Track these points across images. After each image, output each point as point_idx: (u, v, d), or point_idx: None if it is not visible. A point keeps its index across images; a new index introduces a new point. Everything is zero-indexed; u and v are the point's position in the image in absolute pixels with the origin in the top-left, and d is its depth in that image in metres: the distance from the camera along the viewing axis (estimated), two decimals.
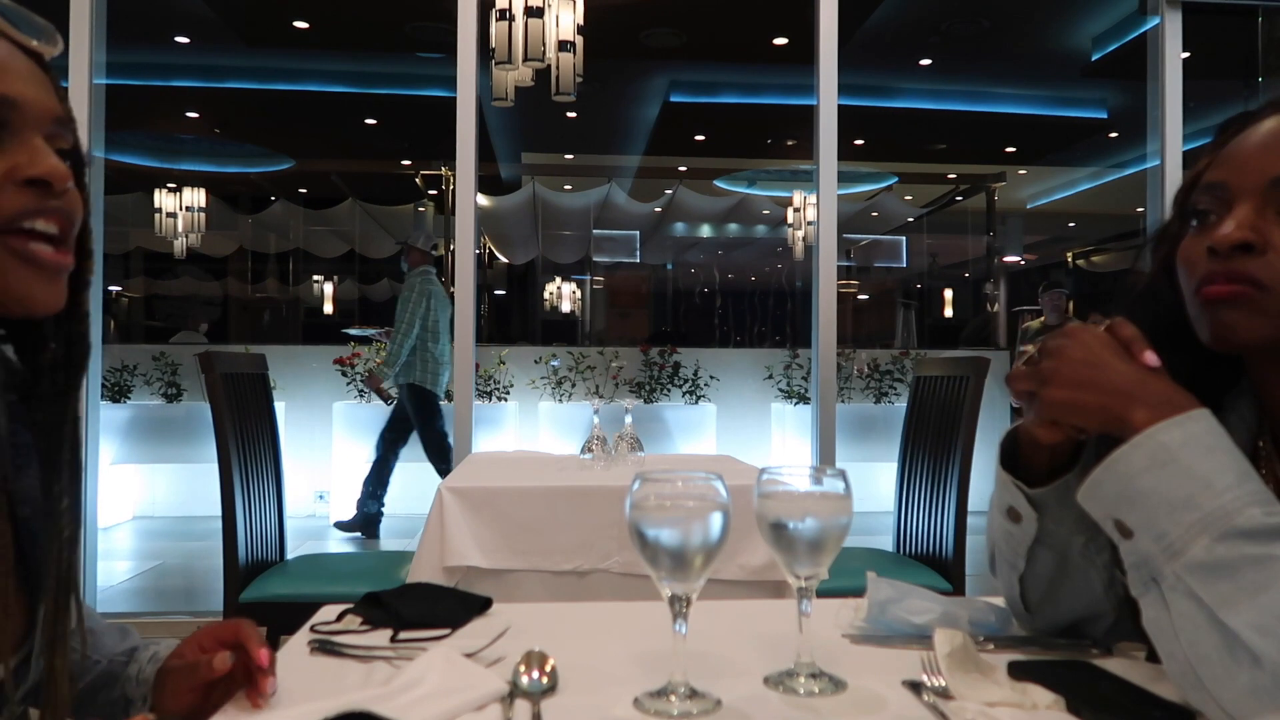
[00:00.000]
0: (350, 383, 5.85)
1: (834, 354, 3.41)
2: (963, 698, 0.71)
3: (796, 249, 8.41)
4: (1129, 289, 0.91)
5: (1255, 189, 0.76)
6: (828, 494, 0.75)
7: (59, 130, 0.69)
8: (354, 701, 0.68)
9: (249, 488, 2.35)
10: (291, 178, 9.43)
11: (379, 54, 6.87)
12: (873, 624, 0.93)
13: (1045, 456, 0.85)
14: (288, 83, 7.12)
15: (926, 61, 6.98)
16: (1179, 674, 0.68)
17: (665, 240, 10.96)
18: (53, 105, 0.69)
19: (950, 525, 2.37)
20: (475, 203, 3.35)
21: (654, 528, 0.70)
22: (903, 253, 10.71)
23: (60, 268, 0.68)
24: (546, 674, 0.75)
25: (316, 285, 11.11)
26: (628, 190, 9.52)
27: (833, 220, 3.44)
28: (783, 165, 9.34)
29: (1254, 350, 0.79)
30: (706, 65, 7.17)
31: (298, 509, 5.93)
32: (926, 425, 2.55)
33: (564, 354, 6.25)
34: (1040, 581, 0.89)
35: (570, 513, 2.03)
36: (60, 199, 0.67)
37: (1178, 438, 0.69)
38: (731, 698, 0.72)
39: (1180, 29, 3.59)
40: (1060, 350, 0.77)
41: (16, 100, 0.66)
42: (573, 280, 11.44)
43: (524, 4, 3.58)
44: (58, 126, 0.69)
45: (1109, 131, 8.09)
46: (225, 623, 0.81)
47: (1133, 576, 0.71)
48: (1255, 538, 0.65)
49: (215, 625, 0.81)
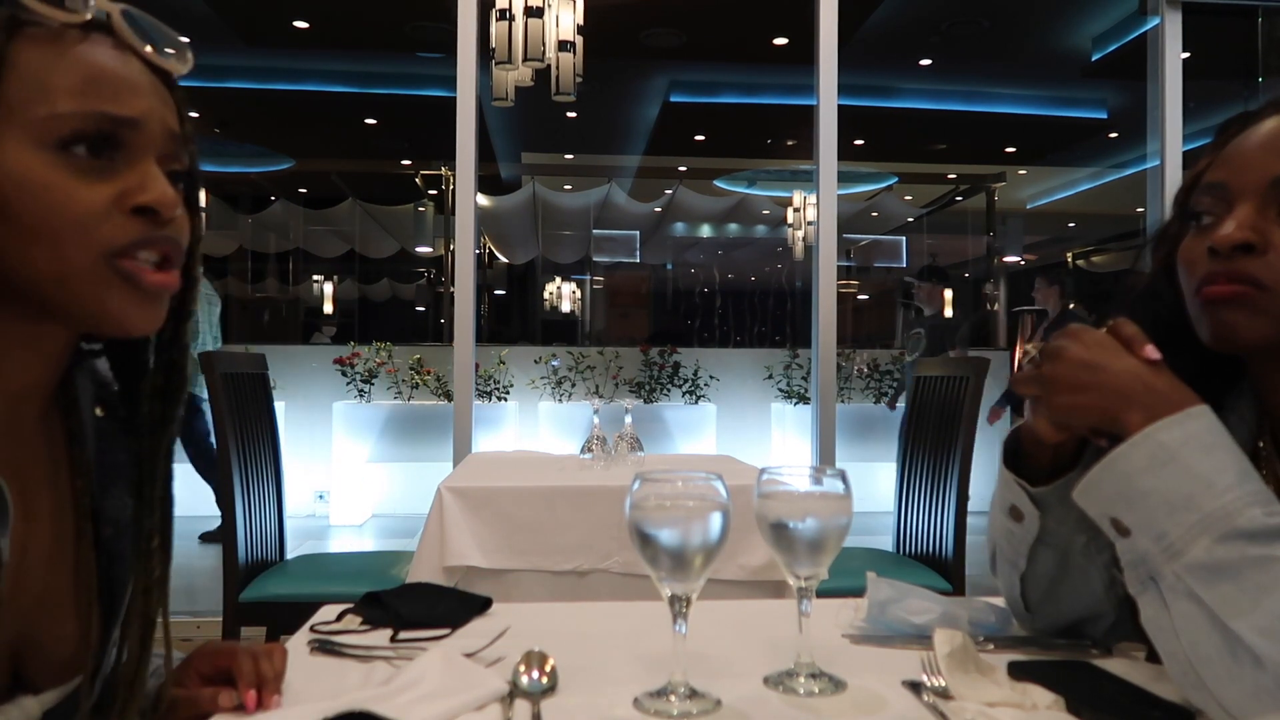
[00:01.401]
0: (350, 383, 5.85)
1: (834, 354, 3.41)
2: (963, 698, 0.71)
3: (796, 249, 8.40)
4: (1129, 289, 0.91)
5: (1256, 189, 0.76)
6: (828, 494, 0.75)
7: (175, 150, 0.67)
8: (354, 701, 0.68)
9: (249, 488, 2.35)
10: (291, 178, 9.42)
11: (379, 54, 6.87)
12: (873, 624, 0.93)
13: (1048, 455, 0.85)
14: (288, 82, 7.12)
15: (926, 61, 6.98)
16: (1180, 674, 0.67)
17: (665, 240, 10.96)
18: (172, 124, 0.67)
19: (950, 525, 2.37)
20: (475, 203, 3.35)
21: (654, 528, 0.70)
22: (903, 253, 10.70)
23: (163, 290, 0.66)
24: (546, 674, 0.75)
25: (316, 285, 11.11)
26: (628, 190, 9.52)
27: (833, 220, 3.44)
28: (783, 165, 9.33)
29: (1254, 350, 0.79)
30: (706, 65, 7.17)
31: (298, 509, 5.92)
32: (926, 425, 2.55)
33: (564, 354, 6.25)
34: (1041, 581, 0.89)
35: (570, 513, 2.03)
36: (168, 227, 0.65)
37: (1177, 436, 0.69)
38: (731, 698, 0.72)
39: (1180, 29, 3.58)
40: (1061, 352, 0.77)
41: (138, 120, 0.63)
42: (573, 280, 11.44)
43: (524, 4, 3.58)
44: (175, 145, 0.67)
45: (1109, 131, 8.09)
46: (224, 649, 0.78)
47: (1129, 575, 0.71)
48: (1256, 539, 0.65)
49: (215, 650, 0.78)
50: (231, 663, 0.74)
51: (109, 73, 0.62)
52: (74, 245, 0.61)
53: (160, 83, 0.66)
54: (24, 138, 0.60)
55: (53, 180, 0.60)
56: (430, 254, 10.49)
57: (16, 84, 0.59)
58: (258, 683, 0.73)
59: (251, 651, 0.75)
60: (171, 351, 0.72)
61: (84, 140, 0.61)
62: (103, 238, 0.62)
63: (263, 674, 0.73)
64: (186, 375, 0.74)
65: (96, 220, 0.61)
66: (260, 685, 0.72)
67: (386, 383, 5.87)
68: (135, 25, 0.65)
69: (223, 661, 0.76)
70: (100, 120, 0.61)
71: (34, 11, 0.60)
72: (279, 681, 0.74)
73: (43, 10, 0.60)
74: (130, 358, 0.74)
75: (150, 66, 0.66)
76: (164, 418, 0.72)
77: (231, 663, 0.74)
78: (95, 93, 0.61)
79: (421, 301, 12.39)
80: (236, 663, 0.74)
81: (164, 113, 0.66)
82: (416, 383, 5.83)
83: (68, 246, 0.61)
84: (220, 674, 0.75)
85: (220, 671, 0.75)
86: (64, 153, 0.60)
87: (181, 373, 0.73)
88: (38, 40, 0.61)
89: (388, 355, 5.84)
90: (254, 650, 0.76)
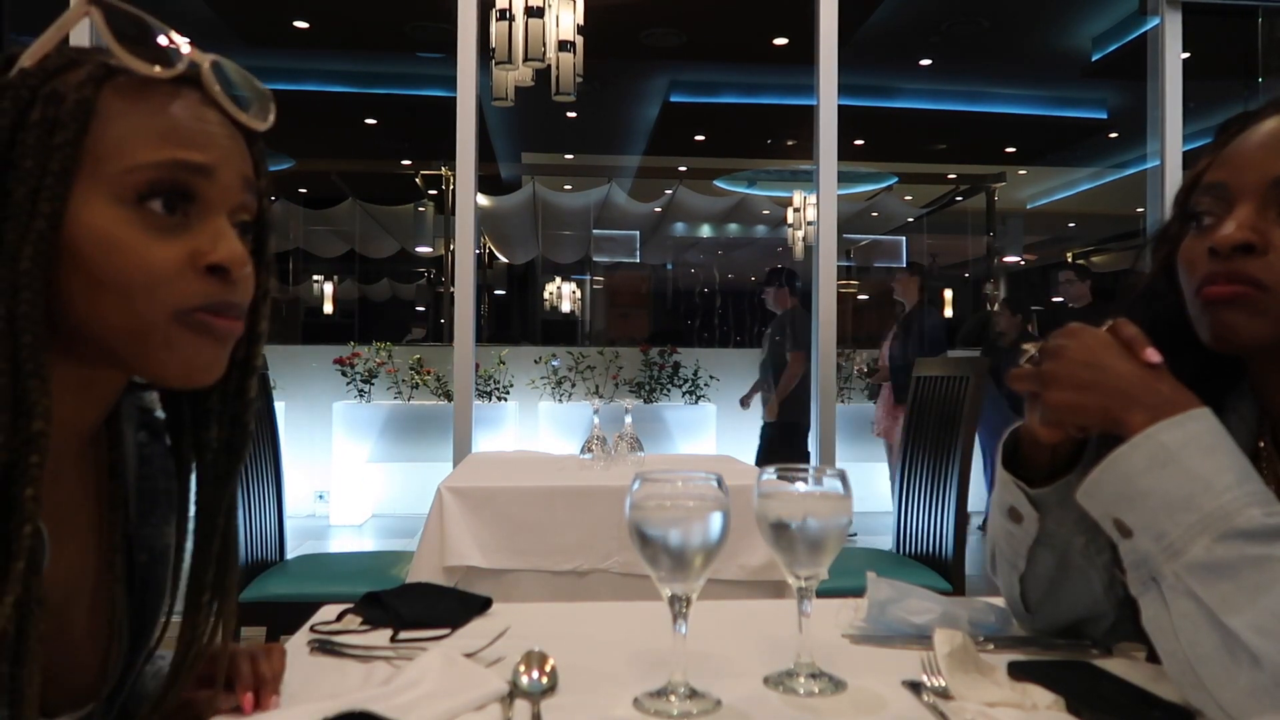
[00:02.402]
0: (350, 383, 5.85)
1: (834, 354, 3.41)
2: (963, 698, 0.71)
3: (796, 249, 8.39)
4: (1129, 290, 0.91)
5: (1256, 189, 0.76)
6: (828, 494, 0.75)
7: (245, 203, 0.66)
8: (354, 701, 0.68)
9: (249, 488, 2.35)
10: (291, 178, 9.42)
11: (379, 54, 6.87)
12: (873, 624, 0.93)
13: (1047, 456, 0.85)
14: (288, 83, 7.12)
15: (926, 61, 6.98)
16: (1179, 674, 0.68)
17: (665, 240, 10.96)
18: (247, 175, 0.67)
19: (950, 525, 2.37)
20: (475, 203, 3.35)
21: (654, 528, 0.70)
22: (903, 253, 10.69)
23: (227, 335, 0.66)
24: (546, 674, 0.75)
25: (316, 285, 11.11)
26: (628, 190, 9.52)
27: (833, 220, 3.44)
28: (783, 165, 9.33)
29: (1255, 351, 0.79)
30: (706, 65, 7.17)
31: (298, 509, 5.93)
32: (926, 425, 2.55)
33: (564, 354, 6.25)
34: (1041, 582, 0.89)
35: (570, 513, 2.03)
36: (236, 289, 0.64)
37: (1178, 438, 0.69)
38: (731, 698, 0.72)
39: (1180, 29, 3.58)
40: (1061, 351, 0.77)
41: (210, 167, 0.63)
42: (573, 280, 11.44)
43: (524, 4, 3.58)
44: (246, 199, 0.66)
45: (1109, 131, 8.09)
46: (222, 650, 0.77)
47: (1132, 576, 0.71)
48: (1255, 538, 0.65)
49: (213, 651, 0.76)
50: (229, 665, 0.74)
51: (187, 123, 0.62)
52: (145, 302, 0.61)
53: (239, 134, 0.66)
54: (103, 191, 0.60)
55: (128, 238, 0.60)
56: (430, 254, 10.49)
57: (101, 136, 0.60)
58: (255, 685, 0.73)
59: (250, 653, 0.75)
60: (236, 406, 0.72)
61: (159, 194, 0.61)
62: (174, 296, 0.62)
63: (260, 675, 0.73)
64: (249, 431, 0.73)
65: (169, 280, 0.62)
66: (258, 687, 0.72)
67: (386, 383, 5.87)
68: (222, 77, 0.65)
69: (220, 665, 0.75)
70: (174, 168, 0.61)
71: (127, 64, 0.61)
72: (277, 682, 0.74)
73: (135, 65, 0.61)
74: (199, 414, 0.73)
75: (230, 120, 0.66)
76: (228, 472, 0.73)
77: (229, 665, 0.74)
78: (172, 142, 0.61)
79: (421, 301, 12.39)
80: (234, 665, 0.73)
81: (240, 164, 0.66)
82: (416, 383, 5.83)
83: (139, 303, 0.61)
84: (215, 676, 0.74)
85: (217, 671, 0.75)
86: (140, 208, 0.61)
87: (245, 428, 0.73)
88: (124, 92, 0.61)
89: (388, 355, 5.84)
90: (252, 651, 0.76)
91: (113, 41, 0.60)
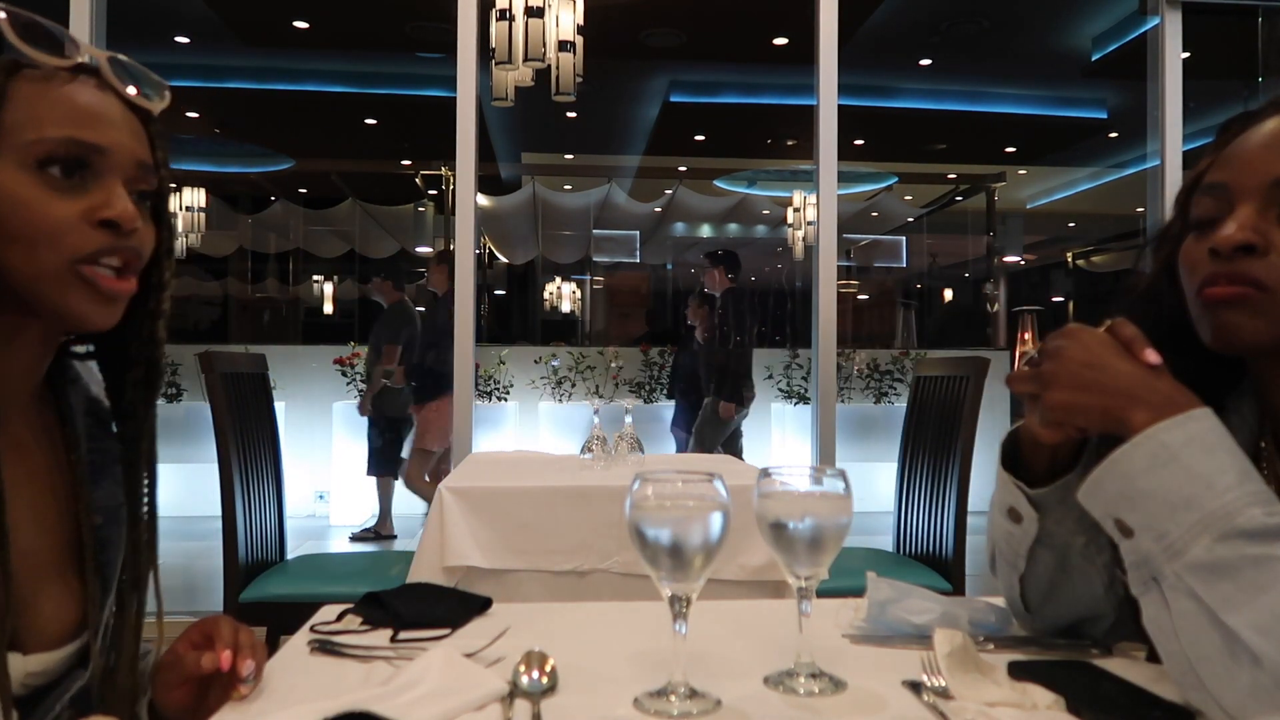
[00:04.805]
0: (350, 383, 5.85)
1: (834, 354, 3.40)
2: (963, 698, 0.71)
3: (796, 249, 8.39)
4: (1130, 290, 0.91)
5: (1257, 190, 0.76)
6: (828, 494, 0.75)
7: (142, 175, 0.78)
8: (354, 701, 0.68)
9: (249, 488, 2.35)
10: (291, 178, 9.41)
11: (379, 54, 6.86)
12: (873, 624, 0.93)
13: (1046, 457, 0.85)
14: (288, 83, 7.11)
15: (926, 61, 6.97)
16: (1179, 674, 0.67)
17: (665, 240, 10.95)
18: (140, 153, 0.77)
19: (950, 525, 2.37)
20: (475, 203, 3.35)
21: (654, 528, 0.70)
22: (903, 253, 10.70)
23: (118, 294, 0.76)
24: (546, 674, 0.75)
25: (316, 285, 11.10)
26: (628, 190, 9.51)
27: (833, 220, 3.44)
28: (783, 165, 9.32)
29: (1256, 352, 0.79)
30: (706, 65, 7.16)
31: (298, 509, 5.93)
32: (926, 425, 2.55)
33: (564, 354, 6.25)
34: (1040, 582, 0.89)
35: (570, 513, 2.02)
36: (129, 238, 0.75)
37: (1179, 437, 0.69)
38: (731, 698, 0.72)
39: (1180, 29, 3.58)
40: (1061, 351, 0.77)
41: (104, 148, 0.74)
42: (573, 280, 11.42)
43: (524, 4, 3.58)
44: (142, 172, 0.77)
45: (1109, 131, 8.08)
46: (211, 619, 0.84)
47: (1133, 576, 0.71)
48: (1256, 538, 0.65)
49: (206, 620, 0.84)
50: (215, 629, 0.81)
51: (86, 107, 0.74)
52: (46, 250, 0.72)
53: (136, 118, 0.78)
54: (11, 159, 0.71)
55: (31, 195, 0.72)
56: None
57: (11, 115, 0.72)
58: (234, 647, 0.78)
59: (233, 622, 0.83)
60: (150, 348, 0.84)
61: (58, 161, 0.72)
62: (71, 245, 0.73)
63: (240, 641, 0.78)
64: (163, 368, 0.86)
65: (66, 230, 0.72)
66: (235, 650, 0.77)
67: None
68: (120, 69, 0.77)
69: (209, 629, 0.83)
70: (72, 145, 0.73)
71: (32, 57, 0.73)
72: (255, 651, 0.78)
73: (39, 57, 0.74)
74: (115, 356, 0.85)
75: (128, 105, 0.77)
76: (145, 402, 0.85)
77: (215, 629, 0.81)
78: (72, 123, 0.73)
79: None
80: (218, 628, 0.81)
81: (134, 145, 0.77)
82: None
83: (41, 251, 0.72)
84: (208, 641, 0.81)
85: (208, 639, 0.81)
86: (41, 172, 0.72)
87: (157, 366, 0.85)
88: (33, 80, 0.73)
89: None
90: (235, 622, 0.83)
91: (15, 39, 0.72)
